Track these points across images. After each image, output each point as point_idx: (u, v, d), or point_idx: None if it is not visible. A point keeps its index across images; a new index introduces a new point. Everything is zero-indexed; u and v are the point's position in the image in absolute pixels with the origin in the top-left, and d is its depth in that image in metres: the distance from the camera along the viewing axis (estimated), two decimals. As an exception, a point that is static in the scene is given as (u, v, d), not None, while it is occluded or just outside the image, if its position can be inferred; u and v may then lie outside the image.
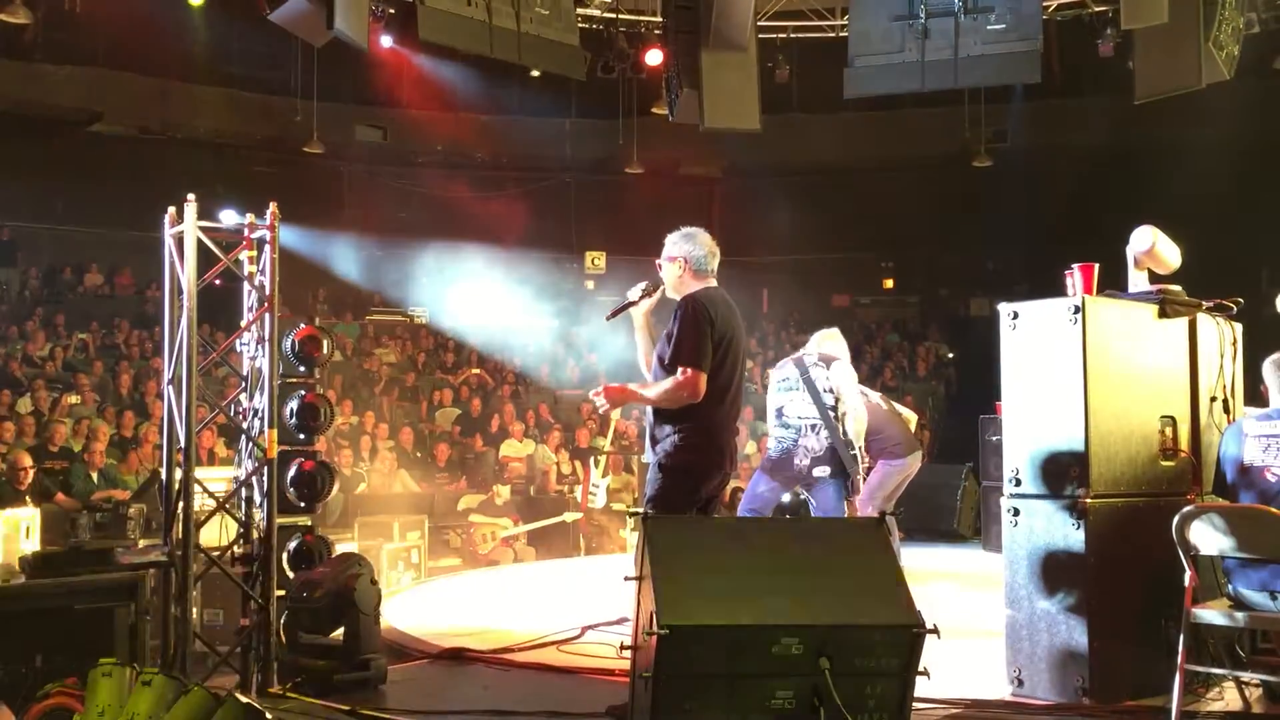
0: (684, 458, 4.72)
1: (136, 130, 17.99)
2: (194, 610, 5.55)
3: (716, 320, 4.70)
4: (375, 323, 18.15)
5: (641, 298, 5.05)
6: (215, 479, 6.43)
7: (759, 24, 12.09)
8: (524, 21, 10.54)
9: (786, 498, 7.09)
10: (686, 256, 4.91)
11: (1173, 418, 5.01)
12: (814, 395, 6.68)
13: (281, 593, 5.60)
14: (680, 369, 4.63)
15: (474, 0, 10.10)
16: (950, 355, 18.97)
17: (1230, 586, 4.54)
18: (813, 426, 6.64)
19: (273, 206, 5.71)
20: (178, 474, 5.47)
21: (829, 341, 7.21)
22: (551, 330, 18.63)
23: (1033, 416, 4.89)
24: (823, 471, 6.56)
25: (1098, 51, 12.38)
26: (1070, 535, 4.71)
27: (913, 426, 8.64)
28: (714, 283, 4.93)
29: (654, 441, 4.83)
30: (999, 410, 5.09)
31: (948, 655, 5.28)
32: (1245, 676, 4.70)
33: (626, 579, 4.12)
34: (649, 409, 4.88)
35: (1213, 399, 5.20)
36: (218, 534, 6.01)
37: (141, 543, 6.31)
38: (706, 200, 20.74)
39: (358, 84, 17.88)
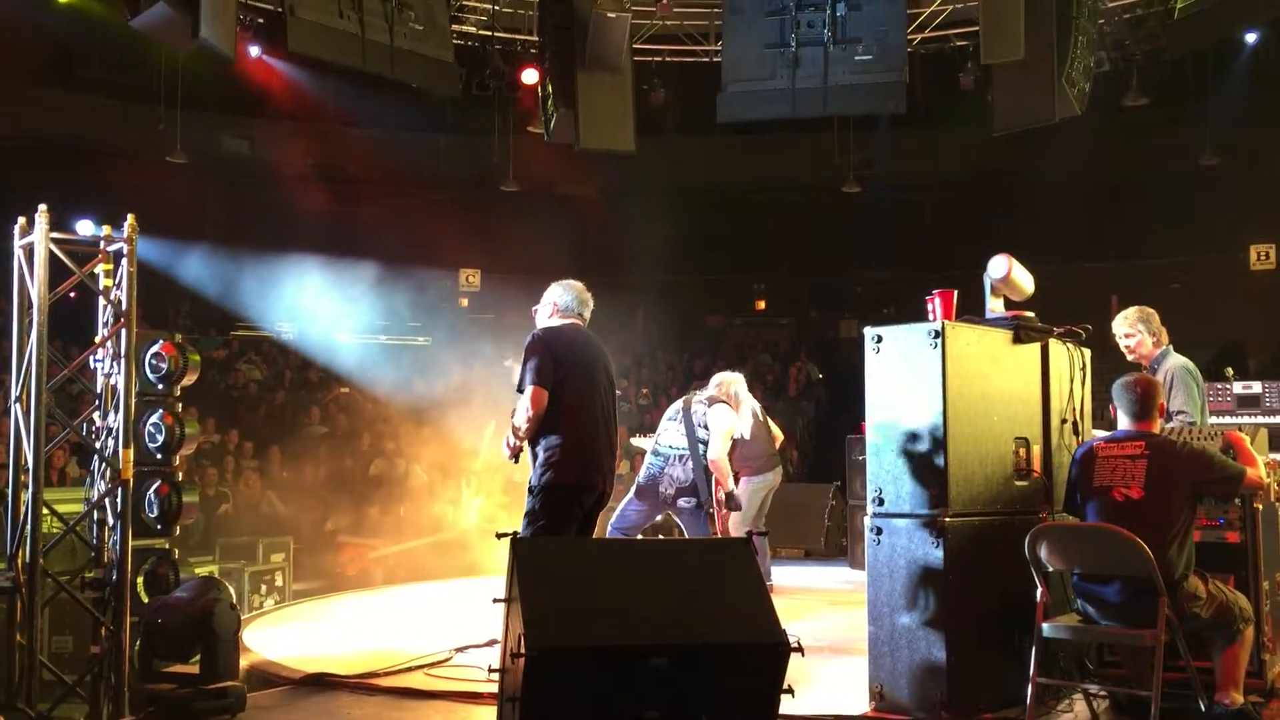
0: (553, 476, 5.12)
1: (-15, 135, 17.19)
2: (41, 637, 5.31)
3: (556, 345, 5.26)
4: (240, 339, 17.66)
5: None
6: (66, 500, 6.16)
7: (634, 47, 12.21)
8: (398, 36, 10.42)
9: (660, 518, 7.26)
10: (556, 302, 5.53)
11: (1026, 439, 5.20)
12: (688, 428, 6.91)
13: (135, 619, 5.40)
14: (522, 391, 5.20)
15: (346, 13, 9.95)
16: (820, 376, 19.36)
17: (1078, 601, 4.73)
18: (680, 457, 6.84)
19: (130, 218, 5.53)
20: (25, 495, 5.24)
21: (733, 385, 7.54)
22: (424, 348, 18.39)
23: (894, 438, 5.02)
24: (688, 502, 6.78)
25: (959, 84, 12.83)
26: (930, 553, 4.84)
27: (777, 445, 8.94)
28: (578, 323, 5.50)
29: (533, 463, 5.23)
30: (864, 430, 5.22)
31: (812, 672, 5.40)
32: (1093, 688, 4.90)
33: (495, 600, 4.10)
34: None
35: (1063, 421, 5.42)
36: (68, 558, 5.77)
37: (-16, 567, 6.02)
38: (581, 220, 20.77)
39: (224, 93, 17.37)
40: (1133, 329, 5.98)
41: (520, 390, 5.23)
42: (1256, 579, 4.91)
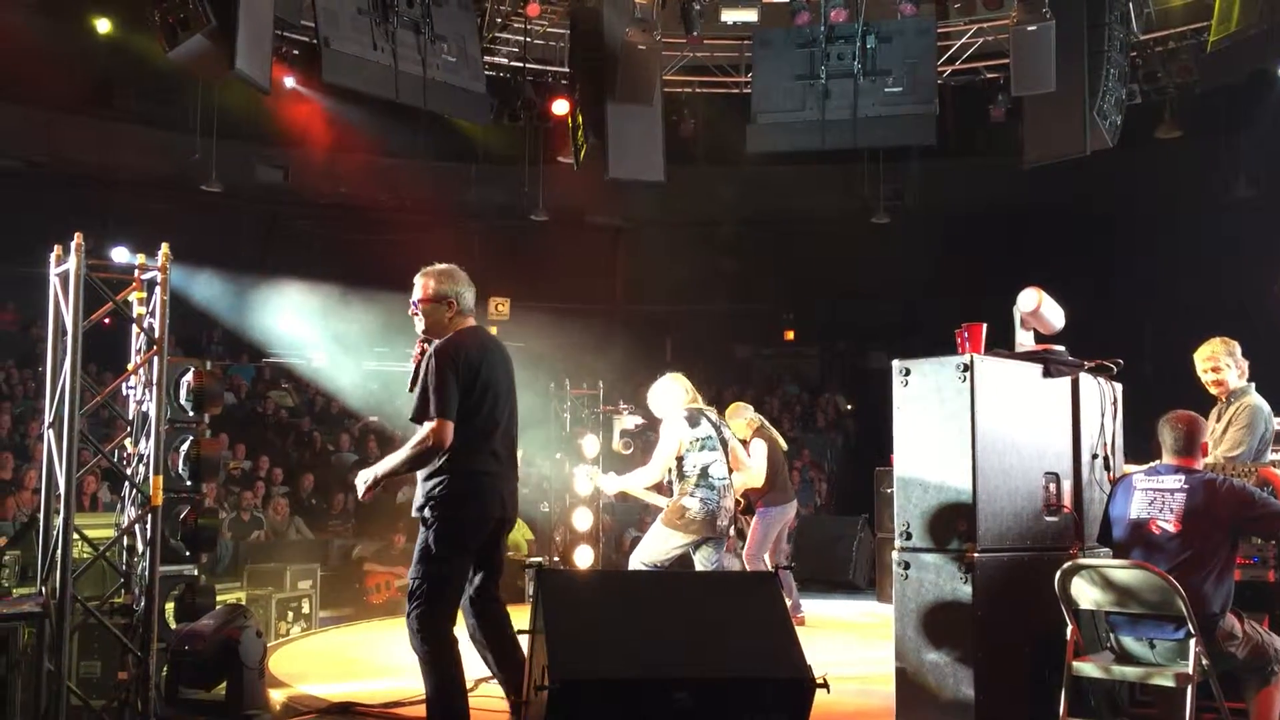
0: (447, 511, 4.46)
1: (22, 163, 17.43)
2: (69, 663, 5.34)
3: (462, 364, 4.48)
4: (271, 365, 17.78)
5: None
6: (97, 526, 6.22)
7: (665, 78, 12.28)
8: (430, 67, 10.52)
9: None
10: (455, 297, 4.67)
11: (1056, 474, 5.15)
12: (726, 457, 6.58)
13: (162, 645, 5.42)
14: (424, 422, 4.44)
15: (380, 45, 10.05)
16: (849, 407, 19.27)
17: (1111, 638, 4.66)
18: (727, 487, 6.52)
19: (164, 247, 5.60)
20: (56, 520, 5.28)
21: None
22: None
23: (923, 471, 4.97)
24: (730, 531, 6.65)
25: (990, 116, 12.81)
26: (958, 589, 4.78)
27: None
28: (473, 322, 4.72)
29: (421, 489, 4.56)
30: (893, 463, 5.17)
31: (839, 707, 5.34)
32: (1124, 728, 4.82)
33: (519, 632, 4.09)
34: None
35: (1094, 456, 5.36)
36: (98, 584, 5.82)
37: (16, 592, 6.06)
38: (610, 249, 20.83)
39: (259, 122, 17.59)
40: (1221, 362, 5.86)
41: (420, 419, 4.46)
42: (1292, 619, 4.83)
